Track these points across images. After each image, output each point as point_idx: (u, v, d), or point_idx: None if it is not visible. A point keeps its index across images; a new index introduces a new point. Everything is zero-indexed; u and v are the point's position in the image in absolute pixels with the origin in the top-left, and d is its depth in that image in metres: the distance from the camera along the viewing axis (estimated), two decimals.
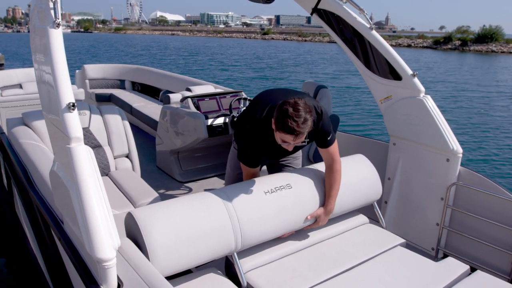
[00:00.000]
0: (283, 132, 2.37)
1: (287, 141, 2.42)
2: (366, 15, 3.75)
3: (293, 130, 2.33)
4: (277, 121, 2.40)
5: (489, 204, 3.24)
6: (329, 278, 2.38)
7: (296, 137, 2.37)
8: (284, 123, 2.34)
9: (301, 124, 2.33)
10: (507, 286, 2.41)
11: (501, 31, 61.12)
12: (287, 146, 2.47)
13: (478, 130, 13.91)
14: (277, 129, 2.42)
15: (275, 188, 2.63)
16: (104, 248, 1.77)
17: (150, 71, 8.66)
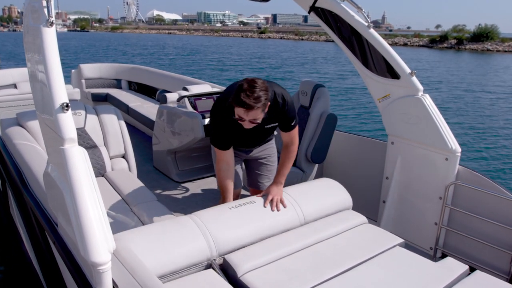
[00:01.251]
0: (236, 105, 2.53)
1: (241, 116, 2.57)
2: (364, 13, 3.72)
3: (243, 103, 2.48)
4: (233, 97, 2.55)
5: (488, 204, 3.22)
6: (327, 279, 2.36)
7: (248, 111, 2.51)
8: (237, 97, 2.50)
9: (253, 99, 2.47)
10: (507, 286, 2.39)
11: (496, 30, 61.32)
12: (243, 123, 2.63)
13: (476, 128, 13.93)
14: (233, 103, 2.56)
15: (239, 204, 2.78)
16: (99, 251, 1.74)
17: (146, 70, 8.62)
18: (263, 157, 3.34)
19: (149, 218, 3.20)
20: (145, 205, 3.40)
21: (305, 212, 2.92)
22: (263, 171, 3.39)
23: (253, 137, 3.07)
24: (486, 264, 3.24)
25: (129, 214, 3.31)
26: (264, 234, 2.70)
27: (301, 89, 4.09)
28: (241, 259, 2.44)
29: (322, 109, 3.93)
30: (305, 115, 4.02)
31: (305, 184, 3.27)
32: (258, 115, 2.58)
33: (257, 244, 2.63)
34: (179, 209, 4.20)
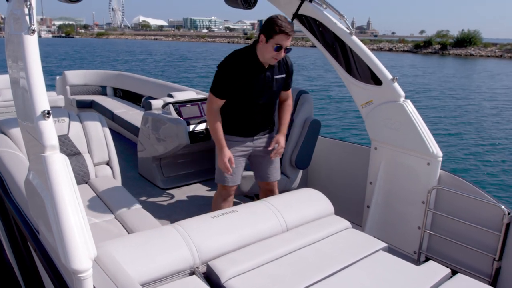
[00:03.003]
0: (280, 33, 2.92)
1: (281, 43, 2.93)
2: (346, 20, 3.77)
3: (287, 28, 2.92)
4: (268, 29, 2.96)
5: (469, 207, 3.27)
6: (311, 284, 2.37)
7: (288, 37, 2.94)
8: (279, 26, 2.91)
9: (291, 26, 2.95)
10: None
11: (479, 35, 62.43)
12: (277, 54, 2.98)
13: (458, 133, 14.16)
14: (268, 36, 2.96)
15: (222, 213, 2.82)
16: (80, 258, 1.72)
17: (132, 77, 8.60)
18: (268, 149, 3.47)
19: (133, 225, 3.18)
20: (129, 212, 3.39)
21: (287, 220, 2.95)
22: (271, 162, 3.51)
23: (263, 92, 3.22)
24: (469, 267, 3.28)
25: (112, 221, 3.29)
26: (247, 241, 2.72)
27: None
28: (224, 265, 2.45)
29: (306, 115, 3.96)
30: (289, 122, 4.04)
31: (286, 194, 3.30)
32: (289, 43, 3.00)
33: (240, 250, 2.64)
34: (164, 216, 4.19)
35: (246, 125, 3.35)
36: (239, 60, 3.14)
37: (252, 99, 3.24)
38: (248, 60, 3.12)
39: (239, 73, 3.11)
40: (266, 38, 2.97)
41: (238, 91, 3.18)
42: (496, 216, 3.09)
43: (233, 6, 3.91)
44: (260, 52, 3.08)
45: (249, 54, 3.13)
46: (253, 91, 3.19)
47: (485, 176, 9.85)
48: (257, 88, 3.18)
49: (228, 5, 3.92)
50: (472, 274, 3.02)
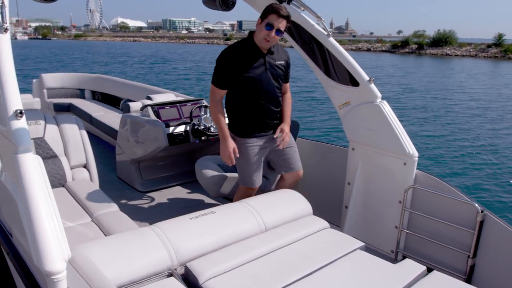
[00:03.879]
0: (271, 13, 3.06)
1: (272, 23, 3.05)
2: (324, 22, 3.80)
3: (278, 8, 3.05)
4: (264, 11, 3.13)
5: (444, 206, 3.33)
6: (289, 283, 2.39)
7: (279, 18, 3.05)
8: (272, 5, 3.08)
9: (285, 8, 3.08)
10: (463, 285, 2.48)
11: (454, 35, 63.61)
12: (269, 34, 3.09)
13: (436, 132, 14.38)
14: (263, 17, 3.11)
15: (200, 214, 2.83)
16: (53, 260, 1.70)
17: (110, 80, 8.52)
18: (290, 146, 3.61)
19: (110, 228, 3.16)
20: (106, 215, 3.36)
21: (266, 220, 2.97)
22: (291, 153, 3.65)
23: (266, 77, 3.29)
24: (445, 265, 3.34)
25: (89, 224, 3.26)
26: (225, 242, 2.73)
27: None
28: (202, 267, 2.45)
29: None
30: None
31: (265, 195, 3.33)
32: (283, 27, 3.11)
33: (219, 251, 2.65)
34: (143, 219, 4.17)
35: (257, 120, 3.43)
36: (236, 48, 3.29)
37: (256, 86, 3.30)
38: (245, 47, 3.26)
39: (238, 59, 3.23)
40: (261, 19, 3.14)
41: (241, 79, 3.26)
42: (470, 214, 3.15)
43: (212, 7, 3.92)
44: (256, 35, 3.21)
45: (246, 41, 3.28)
46: (255, 76, 3.26)
47: (460, 175, 10.03)
48: (258, 73, 3.27)
49: (206, 7, 3.93)
50: (448, 272, 3.07)
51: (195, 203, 4.71)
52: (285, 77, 3.49)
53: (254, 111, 3.38)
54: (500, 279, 3.04)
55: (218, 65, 3.29)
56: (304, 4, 3.83)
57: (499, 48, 57.55)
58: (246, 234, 2.86)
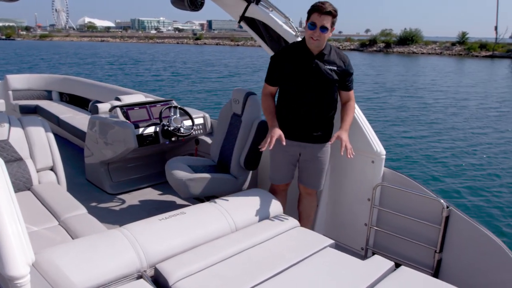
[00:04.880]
0: (312, 12, 3.08)
1: (314, 21, 3.06)
2: (292, 22, 3.84)
3: (318, 6, 3.06)
4: (307, 13, 3.13)
5: (411, 202, 3.41)
6: (259, 283, 2.41)
7: (320, 15, 3.04)
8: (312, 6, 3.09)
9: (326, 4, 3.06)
10: (430, 279, 2.55)
11: (420, 34, 64.94)
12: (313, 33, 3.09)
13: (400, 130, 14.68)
14: (307, 18, 3.13)
15: (169, 215, 2.85)
16: (16, 264, 1.67)
17: (78, 81, 8.37)
18: (319, 156, 3.50)
19: (78, 232, 3.10)
20: (74, 218, 3.29)
21: (236, 220, 2.99)
22: (316, 171, 3.55)
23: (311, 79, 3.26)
24: (413, 260, 3.42)
25: (56, 228, 3.19)
26: (195, 243, 2.74)
27: (234, 97, 4.14)
28: (172, 268, 2.45)
29: (254, 116, 4.00)
30: (238, 123, 4.07)
31: (235, 195, 3.35)
32: (327, 23, 3.07)
33: (189, 252, 2.65)
34: (112, 222, 4.12)
35: (294, 124, 3.38)
36: (289, 48, 3.39)
37: (297, 87, 3.30)
38: (297, 48, 3.29)
39: (286, 59, 3.30)
40: (306, 20, 3.16)
41: (285, 78, 3.32)
42: (436, 210, 3.23)
43: (180, 8, 3.91)
44: (306, 37, 3.23)
45: (300, 43, 3.32)
46: (300, 77, 3.26)
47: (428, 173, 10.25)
48: (304, 74, 3.25)
49: (175, 7, 3.91)
50: (416, 267, 3.14)
51: (166, 205, 4.69)
52: (341, 84, 3.36)
53: (291, 113, 3.37)
54: (466, 272, 3.14)
55: (270, 63, 3.41)
56: (272, 4, 3.86)
57: (463, 46, 59.11)
58: (217, 234, 2.87)
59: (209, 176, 3.91)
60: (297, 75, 3.26)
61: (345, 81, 3.36)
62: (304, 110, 3.32)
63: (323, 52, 3.26)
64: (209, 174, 3.94)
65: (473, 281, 3.06)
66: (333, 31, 3.20)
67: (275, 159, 3.55)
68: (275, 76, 3.37)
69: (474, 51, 56.41)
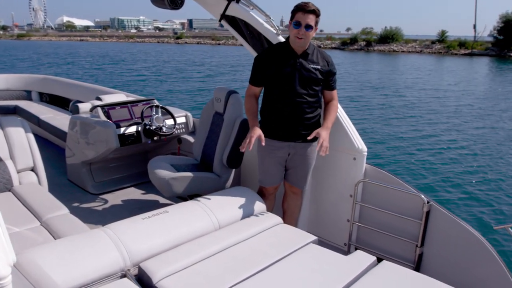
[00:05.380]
0: (296, 11, 3.14)
1: (299, 20, 3.11)
2: (273, 20, 3.86)
3: (303, 5, 3.12)
4: (291, 13, 3.19)
5: (393, 198, 3.46)
6: (243, 279, 2.43)
7: (305, 14, 3.10)
8: (297, 4, 3.15)
9: (310, 4, 3.13)
10: (411, 273, 2.59)
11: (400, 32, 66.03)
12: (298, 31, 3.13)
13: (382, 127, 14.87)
14: (291, 18, 3.19)
15: (152, 214, 2.85)
16: None
17: (58, 81, 8.26)
18: (307, 155, 3.51)
19: (60, 232, 3.06)
20: (56, 219, 3.25)
21: (220, 218, 3.01)
22: (303, 171, 3.57)
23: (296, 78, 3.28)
24: (395, 254, 3.48)
25: (38, 229, 3.16)
26: (179, 241, 2.74)
27: (215, 96, 4.14)
28: (156, 266, 2.45)
29: (236, 114, 4.01)
30: (220, 121, 4.08)
31: (218, 193, 3.36)
32: (311, 22, 3.13)
33: (173, 250, 2.66)
34: (95, 222, 4.09)
35: (280, 123, 3.39)
36: (273, 48, 3.43)
37: (282, 87, 3.30)
38: (281, 48, 3.34)
39: (271, 59, 3.31)
40: (290, 20, 3.21)
41: (270, 78, 3.33)
42: (417, 205, 3.29)
43: (160, 6, 3.89)
44: (290, 37, 3.27)
45: (283, 43, 3.37)
46: (285, 76, 3.28)
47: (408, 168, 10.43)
48: (286, 73, 3.27)
49: (155, 6, 3.90)
50: (397, 261, 3.19)
51: (149, 204, 4.67)
52: (325, 83, 3.40)
53: (277, 113, 3.37)
54: (446, 265, 3.20)
55: (254, 63, 3.43)
56: (253, 3, 3.87)
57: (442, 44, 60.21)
58: (200, 232, 2.88)
59: (192, 175, 3.91)
60: (282, 75, 3.27)
61: (329, 80, 3.40)
62: (290, 110, 3.33)
63: (307, 51, 3.29)
64: (192, 173, 3.93)
65: (454, 274, 3.13)
66: (316, 30, 3.24)
67: (265, 162, 3.53)
68: (259, 76, 3.38)
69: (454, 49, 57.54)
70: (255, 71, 3.40)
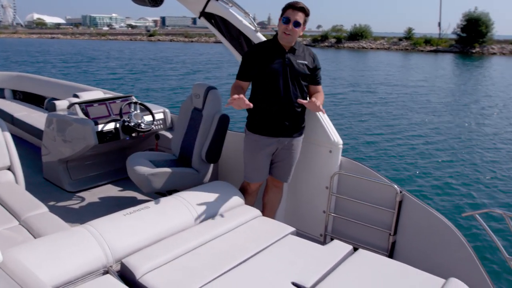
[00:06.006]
0: (286, 8, 3.23)
1: (288, 17, 3.20)
2: (251, 18, 3.92)
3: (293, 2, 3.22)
4: (282, 11, 3.28)
5: (367, 189, 3.58)
6: (223, 272, 2.50)
7: (294, 11, 3.20)
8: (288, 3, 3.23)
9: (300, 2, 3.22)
10: (385, 260, 2.71)
11: (369, 30, 67.31)
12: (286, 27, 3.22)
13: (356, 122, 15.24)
14: (281, 14, 3.27)
15: (133, 210, 2.90)
16: None
17: (33, 78, 8.10)
18: (293, 149, 3.61)
19: (40, 230, 3.05)
20: (35, 217, 3.23)
21: (199, 212, 3.07)
22: (289, 166, 3.67)
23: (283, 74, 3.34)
24: (369, 243, 3.60)
25: (17, 228, 3.13)
26: (160, 236, 2.80)
27: (194, 92, 4.18)
28: (138, 261, 2.50)
29: (215, 110, 4.06)
30: (199, 117, 4.12)
31: (197, 188, 3.42)
32: (300, 19, 3.22)
33: (154, 245, 2.70)
34: (74, 220, 4.07)
35: (273, 119, 3.43)
36: (261, 44, 3.54)
37: (272, 82, 3.34)
38: (269, 44, 3.42)
39: (259, 54, 3.37)
40: (280, 17, 3.30)
41: (259, 73, 3.36)
42: (390, 195, 3.42)
43: (140, 3, 3.92)
44: (278, 34, 3.34)
45: (271, 40, 3.44)
46: (271, 71, 3.32)
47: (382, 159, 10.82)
48: (275, 69, 3.32)
49: (134, 3, 3.92)
50: (372, 250, 3.32)
51: (127, 201, 4.69)
52: (311, 78, 3.48)
53: (267, 109, 3.41)
54: (418, 252, 3.34)
55: (242, 59, 3.48)
56: (232, 0, 3.93)
57: (409, 41, 61.65)
58: (181, 227, 2.93)
59: (170, 170, 3.94)
60: (272, 70, 3.32)
61: (315, 76, 3.50)
62: (280, 104, 3.39)
63: (294, 47, 3.38)
64: (170, 168, 3.96)
65: (425, 259, 3.27)
66: (303, 30, 3.34)
67: (256, 159, 3.56)
68: (247, 72, 3.42)
69: (420, 46, 59.04)
70: (243, 67, 3.44)
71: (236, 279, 2.43)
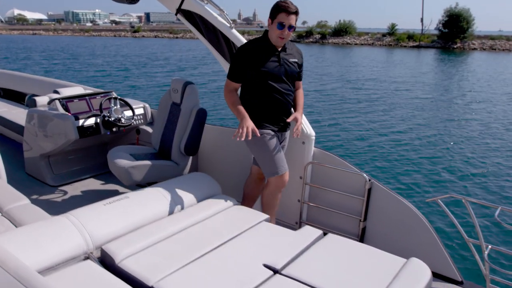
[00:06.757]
0: (280, 12, 3.21)
1: (282, 21, 3.20)
2: (226, 15, 4.02)
3: (287, 6, 3.20)
4: (272, 11, 3.27)
5: (338, 178, 3.74)
6: (199, 256, 2.63)
7: (288, 15, 3.20)
8: (280, 4, 3.21)
9: (293, 5, 3.22)
10: (354, 243, 2.88)
11: (353, 25, 67.73)
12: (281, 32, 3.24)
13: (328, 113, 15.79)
14: (273, 17, 3.26)
15: (113, 200, 3.01)
16: None
17: (12, 75, 8.11)
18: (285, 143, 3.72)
19: (22, 221, 3.09)
20: (17, 209, 3.27)
21: (178, 202, 3.20)
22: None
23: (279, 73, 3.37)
24: (341, 230, 3.77)
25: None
26: (139, 224, 2.92)
27: (172, 87, 4.28)
28: (118, 247, 2.62)
29: (192, 104, 4.16)
30: (177, 111, 4.23)
31: (176, 179, 3.54)
32: (293, 22, 3.24)
33: (133, 232, 2.83)
34: (56, 211, 4.11)
35: (271, 114, 3.47)
36: (252, 43, 3.44)
37: (270, 81, 3.37)
38: (261, 43, 3.39)
39: (252, 55, 3.34)
40: (271, 20, 3.28)
41: (256, 73, 3.35)
42: (360, 183, 3.58)
43: (118, 1, 4.01)
44: (270, 35, 3.34)
45: (262, 38, 3.41)
46: (269, 71, 3.35)
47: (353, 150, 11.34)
48: (272, 68, 3.35)
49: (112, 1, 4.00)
50: (344, 235, 3.48)
51: (108, 194, 4.77)
52: (298, 75, 3.58)
53: (268, 106, 3.43)
54: (387, 236, 3.53)
55: (233, 60, 3.41)
56: None
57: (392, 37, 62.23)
58: (159, 215, 3.06)
59: (150, 163, 4.05)
60: (268, 71, 3.35)
61: (300, 72, 3.61)
62: (276, 101, 3.44)
63: (285, 46, 3.44)
64: (150, 161, 4.07)
65: (393, 243, 3.45)
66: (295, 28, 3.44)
67: (270, 150, 3.46)
68: (240, 73, 3.40)
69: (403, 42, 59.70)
70: (235, 67, 3.40)
71: (211, 263, 2.57)
